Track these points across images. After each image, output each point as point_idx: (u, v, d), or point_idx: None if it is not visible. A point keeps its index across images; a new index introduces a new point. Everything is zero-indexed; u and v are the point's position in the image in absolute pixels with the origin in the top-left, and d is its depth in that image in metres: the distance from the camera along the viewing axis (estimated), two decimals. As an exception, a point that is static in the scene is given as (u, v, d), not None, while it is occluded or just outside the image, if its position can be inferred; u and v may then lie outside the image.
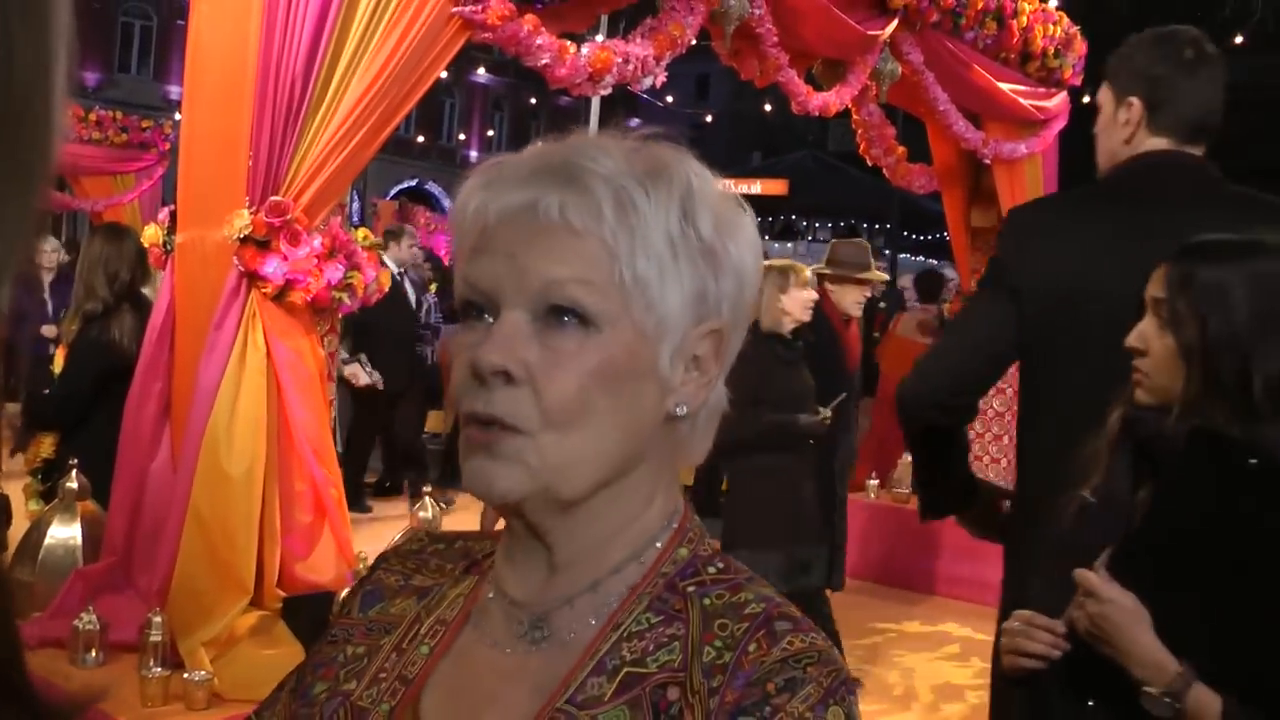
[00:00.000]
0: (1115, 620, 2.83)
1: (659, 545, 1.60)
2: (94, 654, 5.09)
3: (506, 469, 1.49)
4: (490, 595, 1.64)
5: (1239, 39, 29.05)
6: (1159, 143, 4.07)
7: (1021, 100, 10.30)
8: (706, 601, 1.54)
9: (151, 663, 4.88)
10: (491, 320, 1.51)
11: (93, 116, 18.13)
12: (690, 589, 1.56)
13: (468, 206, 1.53)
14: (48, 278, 13.77)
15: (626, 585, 1.57)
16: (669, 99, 31.15)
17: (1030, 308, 4.06)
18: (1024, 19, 9.91)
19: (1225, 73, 4.11)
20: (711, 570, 1.59)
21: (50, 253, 14.07)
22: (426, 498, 5.59)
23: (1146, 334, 3.09)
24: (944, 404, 4.30)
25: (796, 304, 7.56)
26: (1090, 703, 2.93)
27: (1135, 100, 4.09)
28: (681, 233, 1.50)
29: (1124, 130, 4.13)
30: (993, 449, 11.40)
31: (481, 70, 49.44)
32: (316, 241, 5.28)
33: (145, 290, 7.23)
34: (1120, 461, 3.07)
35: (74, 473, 5.96)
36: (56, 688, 0.83)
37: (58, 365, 7.43)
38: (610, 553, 1.58)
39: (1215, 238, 3.11)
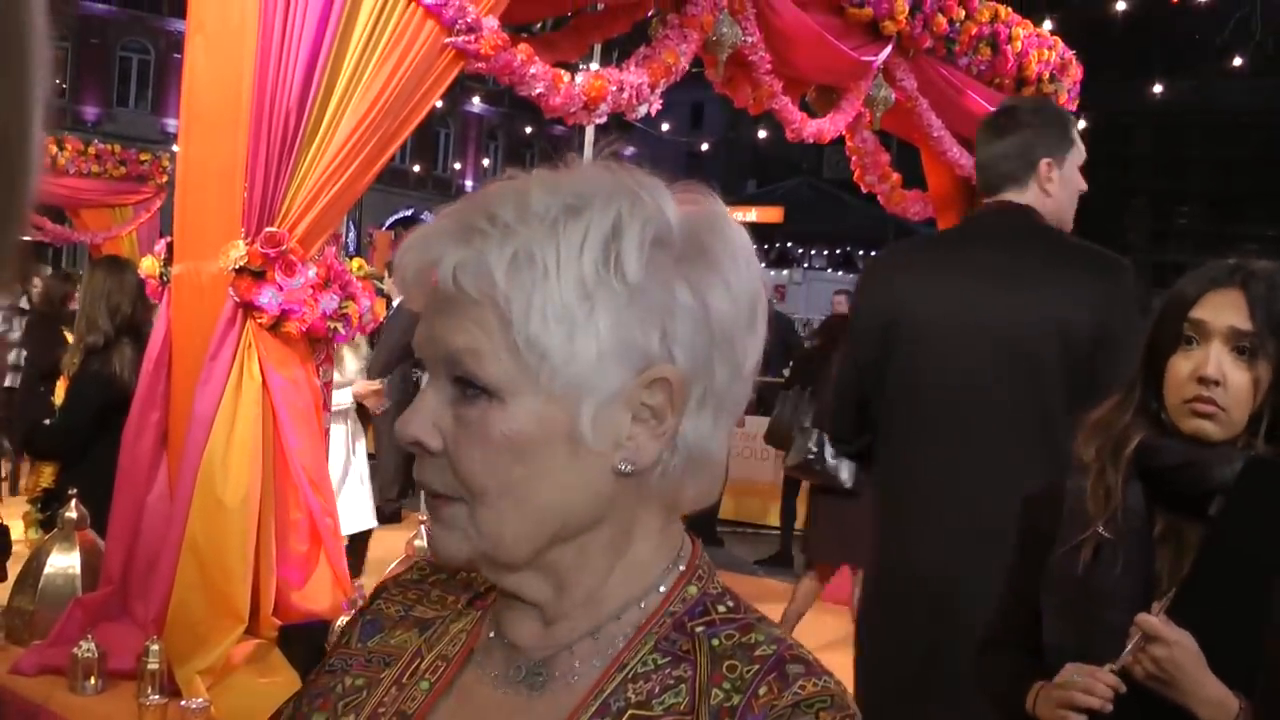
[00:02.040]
0: (1180, 662, 2.77)
1: (662, 589, 1.56)
2: (93, 682, 5.10)
3: (449, 534, 1.50)
4: (492, 634, 1.62)
5: (1237, 61, 29.11)
6: (986, 196, 4.76)
7: (1015, 126, 10.28)
8: (715, 642, 1.50)
9: (149, 690, 4.89)
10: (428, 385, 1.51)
11: (92, 150, 18.19)
12: (699, 629, 1.52)
13: (400, 267, 1.51)
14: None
15: (631, 627, 1.53)
16: (664, 127, 31.14)
17: (864, 342, 4.76)
18: (1019, 44, 9.91)
19: (1009, 126, 4.70)
20: (721, 609, 1.55)
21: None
22: (422, 526, 5.60)
23: (1224, 365, 2.97)
24: (844, 438, 5.05)
25: None
26: None
27: None
28: (599, 280, 1.41)
29: None
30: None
31: (476, 100, 49.56)
32: (311, 272, 5.29)
33: (146, 324, 7.26)
34: (1133, 495, 3.02)
35: (73, 502, 5.97)
36: None
37: (59, 397, 7.45)
38: (603, 603, 1.54)
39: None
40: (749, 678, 1.45)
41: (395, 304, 10.31)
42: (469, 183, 54.12)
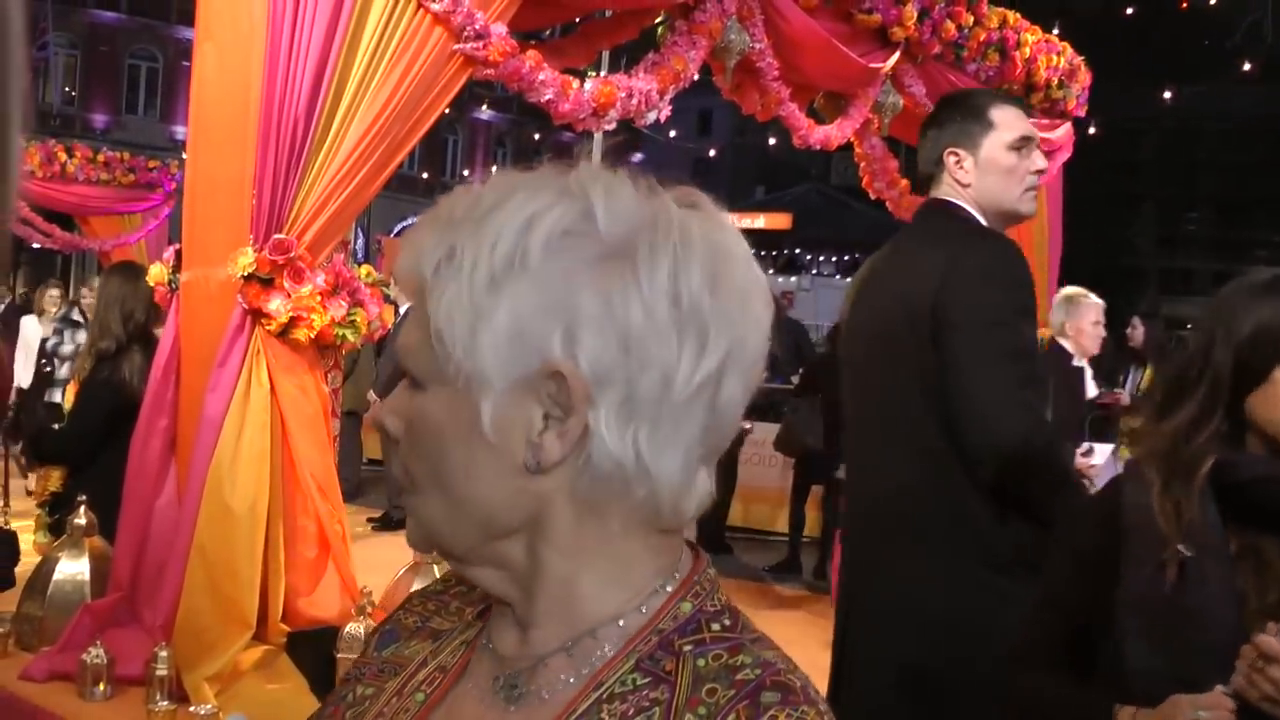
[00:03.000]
0: None
1: (645, 609, 1.49)
2: (101, 688, 5.10)
3: (409, 522, 1.54)
4: (485, 643, 1.59)
5: (1247, 66, 29.03)
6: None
7: (1024, 132, 10.28)
8: (701, 662, 1.44)
9: (158, 696, 4.89)
10: None
11: (100, 157, 18.22)
12: (686, 647, 1.46)
13: (395, 268, 1.54)
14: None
15: (611, 644, 1.47)
16: (672, 134, 31.15)
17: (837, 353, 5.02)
18: (1027, 50, 9.92)
19: (930, 121, 4.78)
20: (715, 627, 1.48)
21: None
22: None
23: None
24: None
25: None
26: None
27: None
28: (508, 267, 1.39)
29: None
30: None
31: (484, 107, 49.51)
32: (320, 279, 5.30)
33: (157, 331, 7.26)
34: (1209, 511, 2.96)
35: (82, 509, 5.97)
36: None
37: (68, 402, 7.46)
38: (576, 614, 1.49)
39: None
40: (723, 704, 1.39)
41: (402, 311, 10.27)
42: (477, 190, 53.97)
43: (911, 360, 4.20)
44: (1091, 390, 10.21)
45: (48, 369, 13.02)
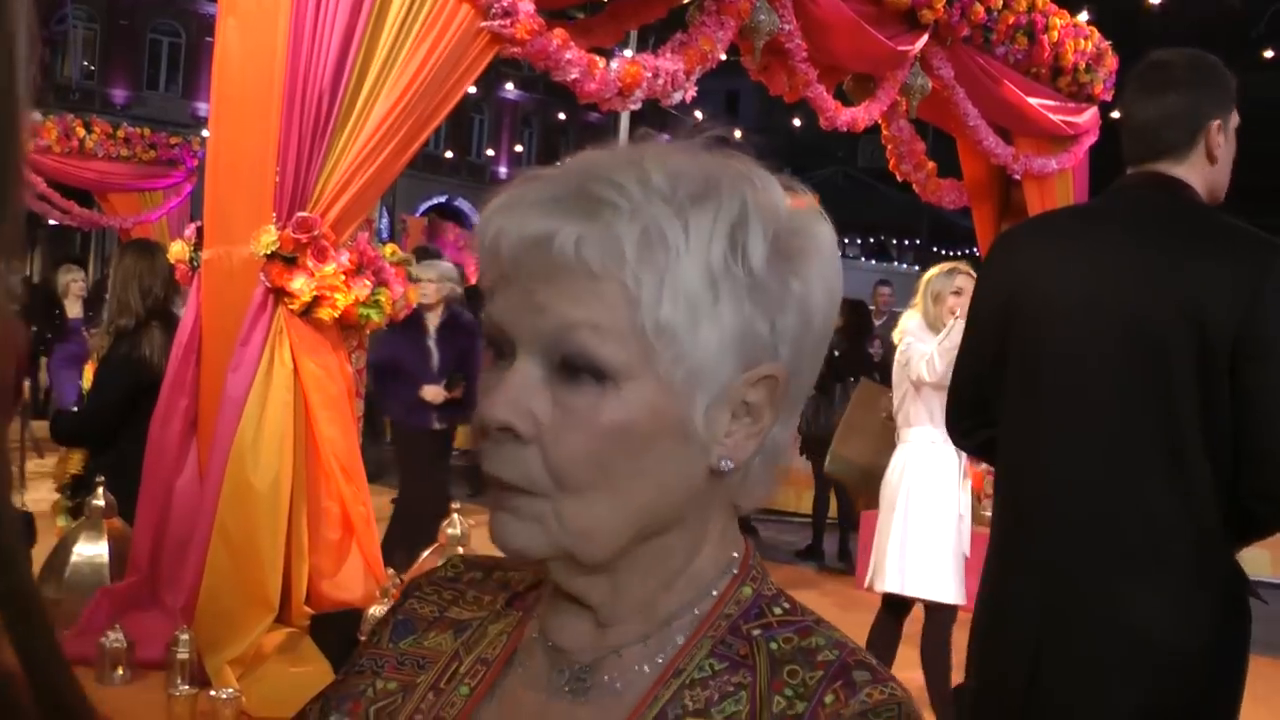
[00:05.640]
0: None
1: (715, 592, 1.48)
2: (121, 672, 5.07)
3: (526, 528, 1.39)
4: (535, 635, 1.55)
5: (1269, 54, 28.95)
6: (1132, 165, 4.12)
7: (1052, 115, 10.25)
8: (774, 646, 1.43)
9: (179, 681, 4.86)
10: (509, 362, 1.38)
11: (121, 133, 18.23)
12: (755, 632, 1.45)
13: (486, 232, 1.40)
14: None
15: (683, 631, 1.46)
16: (698, 115, 31.17)
17: (984, 323, 4.22)
18: (1055, 34, 9.87)
19: (1176, 82, 4.08)
20: (777, 611, 1.48)
21: None
22: (455, 514, 5.56)
23: None
24: (957, 430, 4.48)
25: None
26: None
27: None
28: (726, 268, 1.32)
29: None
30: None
31: (510, 86, 49.56)
32: (344, 257, 5.27)
33: (175, 309, 7.23)
34: None
35: (100, 490, 5.95)
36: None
37: (87, 381, 7.43)
38: (660, 607, 1.47)
39: None
40: (812, 684, 1.38)
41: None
42: (503, 169, 54.06)
43: (1187, 377, 3.74)
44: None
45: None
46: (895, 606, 7.65)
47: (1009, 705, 3.94)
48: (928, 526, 7.48)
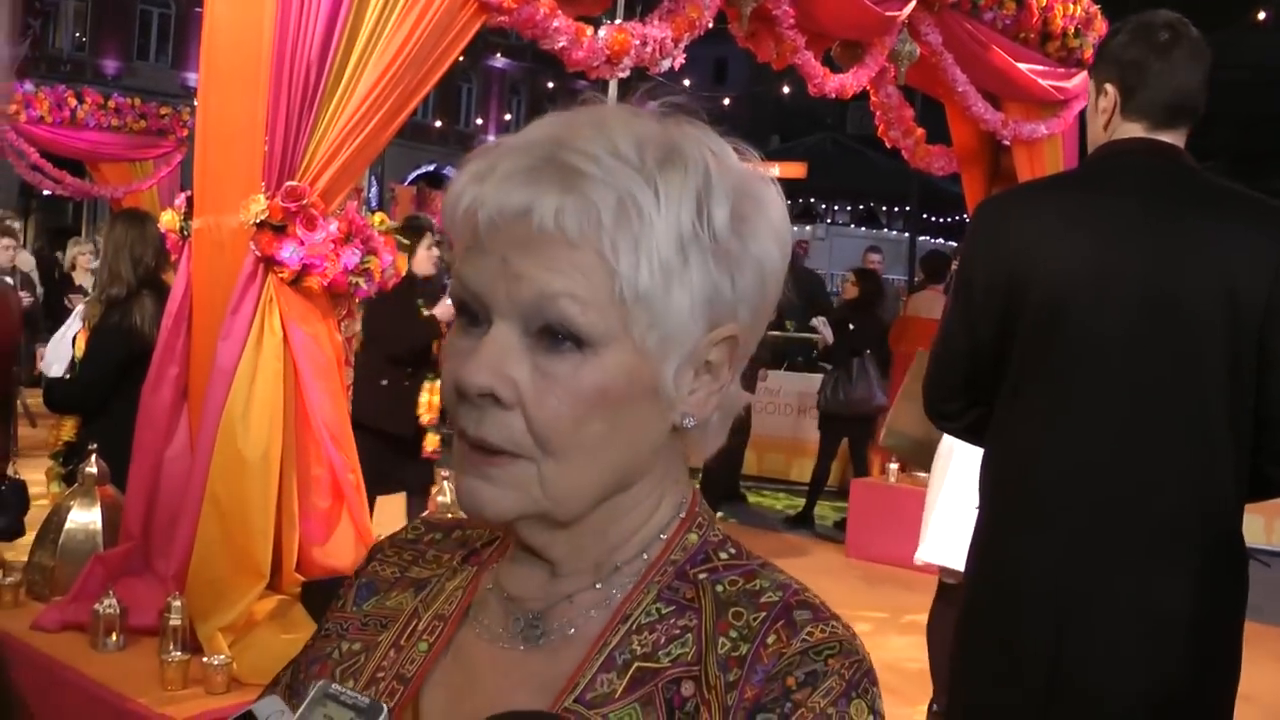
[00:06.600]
0: None
1: (663, 537, 1.52)
2: (114, 638, 5.10)
3: (501, 493, 1.42)
4: (489, 587, 1.58)
5: (1261, 15, 28.78)
6: (1132, 129, 4.01)
7: (1041, 81, 10.24)
8: (719, 589, 1.47)
9: (171, 647, 4.88)
10: (484, 329, 1.40)
11: (111, 104, 18.20)
12: (702, 575, 1.49)
13: (460, 202, 1.41)
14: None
15: (632, 576, 1.50)
16: (686, 82, 31.03)
17: (980, 298, 4.03)
18: (1043, -1, 9.87)
19: (1206, 55, 4.04)
20: (723, 556, 1.52)
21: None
22: (445, 482, 5.58)
23: None
24: (942, 412, 4.34)
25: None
26: None
27: (1110, 87, 4.05)
28: (694, 233, 1.38)
29: (1102, 118, 4.10)
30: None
31: (498, 55, 49.46)
32: (333, 226, 5.27)
33: (166, 277, 7.23)
34: None
35: (93, 458, 5.96)
36: None
37: (79, 350, 7.45)
38: (615, 555, 1.51)
39: None
40: (755, 625, 1.42)
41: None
42: (491, 138, 53.51)
43: (1217, 347, 3.71)
44: None
45: None
46: (949, 592, 7.39)
47: (1031, 691, 3.83)
48: (972, 501, 7.37)
